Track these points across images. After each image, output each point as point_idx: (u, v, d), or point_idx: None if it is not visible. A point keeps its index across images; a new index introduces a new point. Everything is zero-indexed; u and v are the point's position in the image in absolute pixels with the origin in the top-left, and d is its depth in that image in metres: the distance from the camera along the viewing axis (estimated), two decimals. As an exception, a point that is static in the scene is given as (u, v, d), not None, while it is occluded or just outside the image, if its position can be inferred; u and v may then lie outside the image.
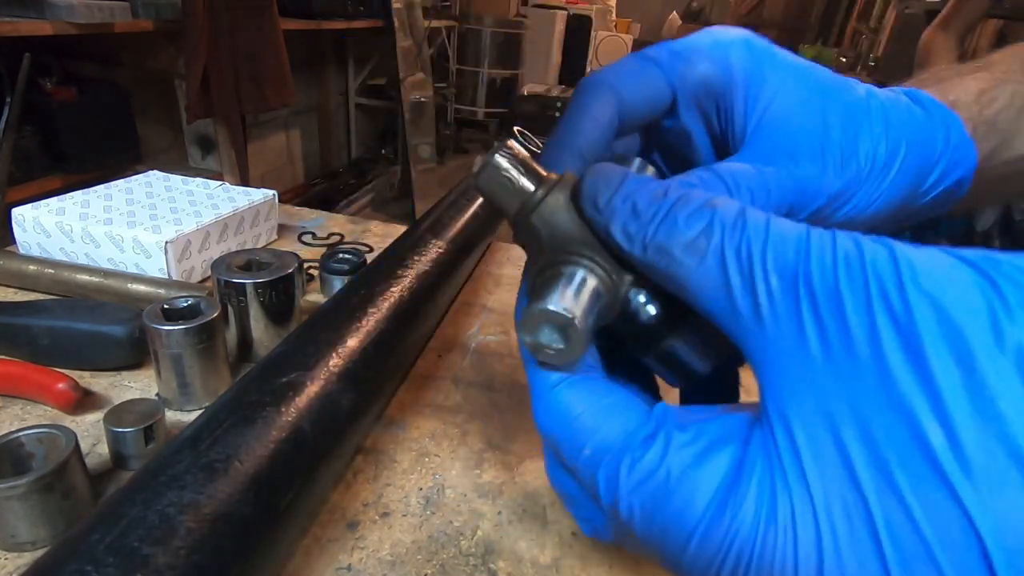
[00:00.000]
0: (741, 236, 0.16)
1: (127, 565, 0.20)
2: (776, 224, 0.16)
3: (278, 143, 2.94)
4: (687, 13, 6.56)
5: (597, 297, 0.18)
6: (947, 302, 0.13)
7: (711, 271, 0.16)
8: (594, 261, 0.19)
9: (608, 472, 0.17)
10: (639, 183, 0.18)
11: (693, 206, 0.17)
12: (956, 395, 0.12)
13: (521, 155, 0.20)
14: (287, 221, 0.74)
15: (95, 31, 1.47)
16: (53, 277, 0.51)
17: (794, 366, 0.15)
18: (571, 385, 0.19)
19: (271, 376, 0.31)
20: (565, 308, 0.17)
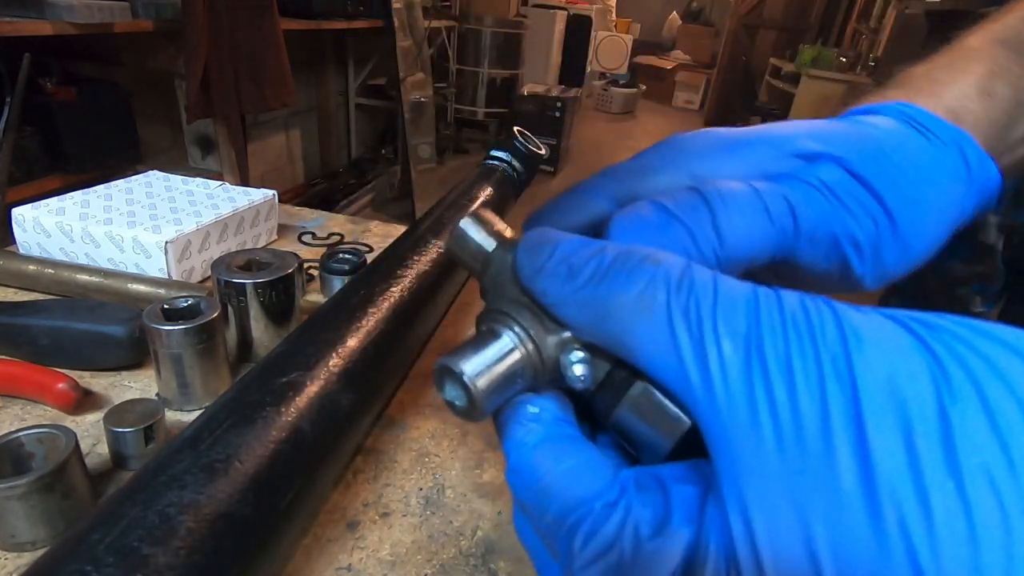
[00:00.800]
0: (689, 295, 0.15)
1: (127, 565, 0.20)
2: (723, 282, 0.15)
3: (278, 143, 2.94)
4: (687, 13, 6.56)
5: (510, 355, 0.18)
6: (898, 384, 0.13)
7: (657, 331, 0.15)
8: (519, 322, 0.18)
9: (565, 542, 0.16)
10: (574, 244, 0.17)
11: (634, 261, 0.16)
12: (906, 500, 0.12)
13: (487, 219, 0.21)
14: (287, 221, 0.74)
15: (95, 31, 1.47)
16: (53, 277, 0.51)
17: (746, 447, 0.13)
18: (539, 443, 0.18)
19: (271, 376, 0.31)
20: (464, 369, 0.17)
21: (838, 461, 0.12)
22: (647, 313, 0.15)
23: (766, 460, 0.13)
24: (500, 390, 0.18)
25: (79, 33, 1.42)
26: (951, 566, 0.11)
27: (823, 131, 0.22)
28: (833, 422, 0.13)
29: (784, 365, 0.13)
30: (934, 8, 2.52)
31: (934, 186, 0.22)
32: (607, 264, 0.16)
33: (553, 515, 0.17)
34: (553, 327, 0.18)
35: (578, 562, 0.16)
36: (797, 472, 0.13)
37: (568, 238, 0.17)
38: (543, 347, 0.18)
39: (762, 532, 0.13)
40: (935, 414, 0.12)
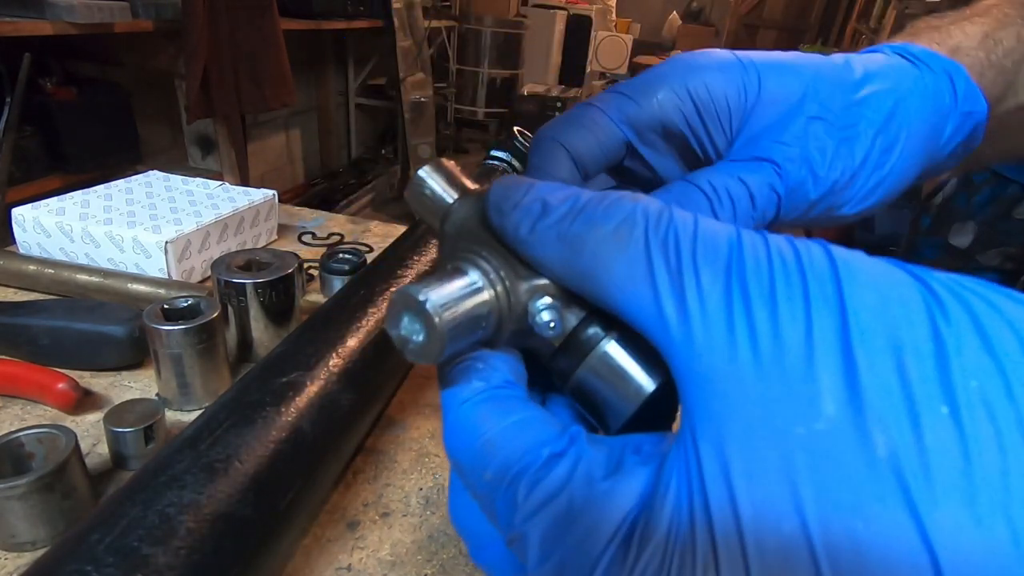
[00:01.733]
0: (668, 227, 0.14)
1: (127, 565, 0.20)
2: (704, 220, 0.14)
3: (278, 143, 2.94)
4: (687, 13, 6.56)
5: (477, 294, 0.16)
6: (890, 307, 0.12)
7: (633, 264, 0.14)
8: (489, 262, 0.17)
9: (506, 496, 0.15)
10: (552, 186, 0.16)
11: (612, 198, 0.15)
12: (895, 415, 0.11)
13: (447, 169, 0.20)
14: (287, 221, 0.74)
15: (95, 31, 1.47)
16: (53, 277, 0.51)
17: (722, 376, 0.13)
18: (483, 401, 0.16)
19: (271, 376, 0.31)
20: (429, 297, 0.15)
21: (822, 385, 0.12)
22: (623, 245, 0.14)
23: (745, 390, 0.12)
24: (463, 330, 0.16)
25: (79, 33, 1.42)
26: (944, 493, 0.11)
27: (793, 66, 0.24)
28: (817, 344, 0.12)
29: (767, 292, 0.13)
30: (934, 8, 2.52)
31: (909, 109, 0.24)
32: (583, 201, 0.15)
33: (494, 470, 0.15)
34: (524, 272, 0.17)
35: (520, 513, 0.14)
36: (778, 399, 0.12)
37: (544, 181, 0.17)
38: (512, 291, 0.17)
39: (738, 468, 0.12)
40: (928, 335, 0.12)
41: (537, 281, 0.17)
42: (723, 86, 0.23)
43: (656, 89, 0.24)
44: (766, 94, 0.23)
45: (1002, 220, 1.09)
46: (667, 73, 0.24)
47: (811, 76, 0.24)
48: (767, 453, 0.12)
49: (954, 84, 0.24)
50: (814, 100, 0.23)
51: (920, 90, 0.24)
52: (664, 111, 0.24)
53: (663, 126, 0.24)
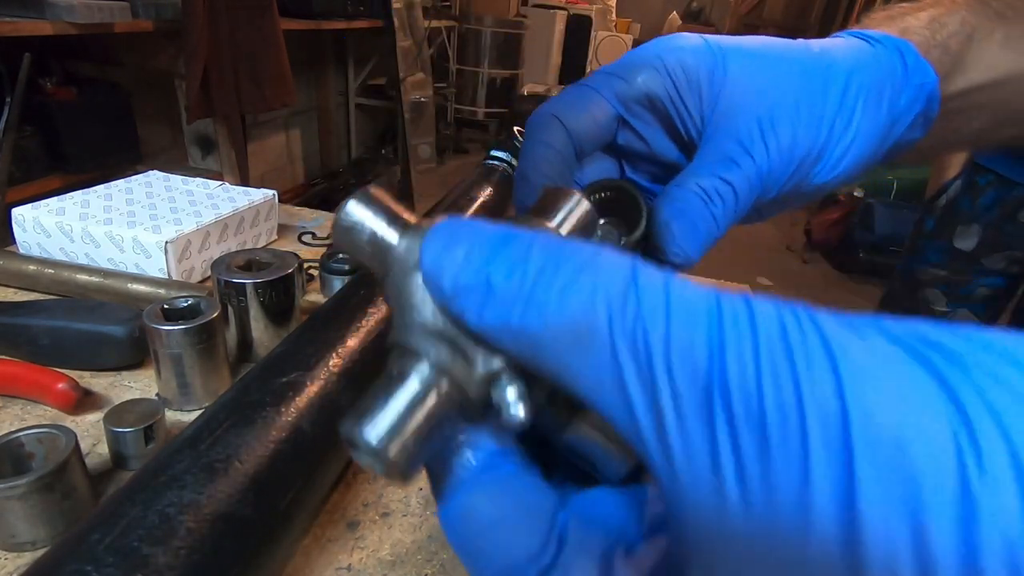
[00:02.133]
0: (635, 321, 0.12)
1: (127, 565, 0.20)
2: (677, 292, 0.12)
3: (278, 143, 2.94)
4: (687, 13, 6.56)
5: (430, 407, 0.14)
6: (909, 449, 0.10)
7: (600, 369, 0.12)
8: (433, 358, 0.15)
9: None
10: (494, 247, 0.14)
11: (565, 275, 0.13)
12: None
13: (381, 200, 0.16)
14: (287, 221, 0.74)
15: (95, 31, 1.47)
16: (53, 277, 0.51)
17: (707, 517, 0.11)
18: (470, 494, 0.15)
19: (271, 376, 0.31)
20: (377, 440, 0.14)
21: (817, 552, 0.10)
22: (586, 345, 0.12)
23: (731, 539, 0.11)
24: (421, 445, 0.14)
25: (79, 33, 1.42)
26: None
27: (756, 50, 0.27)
28: (815, 497, 0.10)
29: (756, 415, 0.11)
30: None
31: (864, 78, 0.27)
32: (532, 277, 0.13)
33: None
34: (478, 353, 0.15)
35: None
36: (767, 558, 0.11)
37: (483, 233, 0.14)
38: (466, 383, 0.15)
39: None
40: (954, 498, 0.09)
41: (494, 364, 0.15)
42: (695, 65, 0.26)
43: (640, 68, 0.27)
44: (732, 75, 0.26)
45: (1008, 223, 1.09)
46: (648, 54, 0.27)
47: (774, 58, 0.27)
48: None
49: (904, 58, 0.27)
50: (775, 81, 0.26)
51: (873, 62, 0.27)
52: (649, 86, 0.26)
53: (648, 99, 0.27)
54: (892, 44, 0.27)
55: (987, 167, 1.11)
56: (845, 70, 0.26)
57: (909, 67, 0.27)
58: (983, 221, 1.12)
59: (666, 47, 0.27)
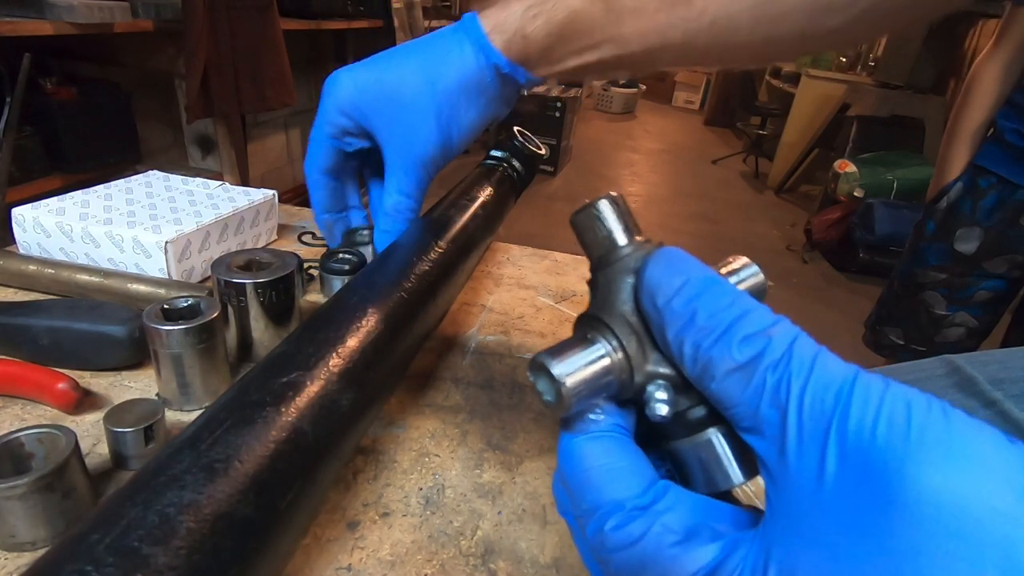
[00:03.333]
0: (784, 371, 0.16)
1: (127, 565, 0.20)
2: (822, 365, 0.16)
3: (278, 143, 2.94)
4: (687, 13, 6.54)
5: (605, 375, 0.19)
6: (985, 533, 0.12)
7: (749, 399, 0.16)
8: (621, 341, 0.19)
9: (594, 528, 0.18)
10: (705, 287, 0.18)
11: (751, 330, 0.17)
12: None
13: (625, 209, 0.21)
14: (287, 221, 0.74)
15: (95, 31, 1.47)
16: (53, 277, 0.51)
17: (802, 514, 0.15)
18: (592, 440, 0.20)
19: (271, 376, 0.31)
20: (560, 373, 0.18)
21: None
22: (746, 382, 0.16)
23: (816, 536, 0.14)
24: (586, 393, 0.19)
25: (79, 33, 1.42)
26: None
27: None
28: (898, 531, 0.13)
29: (864, 450, 0.14)
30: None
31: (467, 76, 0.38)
32: (728, 322, 0.17)
33: (588, 503, 0.19)
34: (652, 354, 0.19)
35: (604, 547, 0.18)
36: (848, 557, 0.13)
37: (700, 274, 0.18)
38: (636, 368, 0.19)
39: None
40: None
41: (661, 369, 0.19)
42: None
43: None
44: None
45: (1010, 227, 1.09)
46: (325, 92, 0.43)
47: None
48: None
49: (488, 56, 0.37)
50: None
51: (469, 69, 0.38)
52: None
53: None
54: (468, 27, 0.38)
55: (989, 169, 1.10)
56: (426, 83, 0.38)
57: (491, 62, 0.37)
58: (985, 224, 1.12)
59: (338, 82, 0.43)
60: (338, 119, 0.42)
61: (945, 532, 0.12)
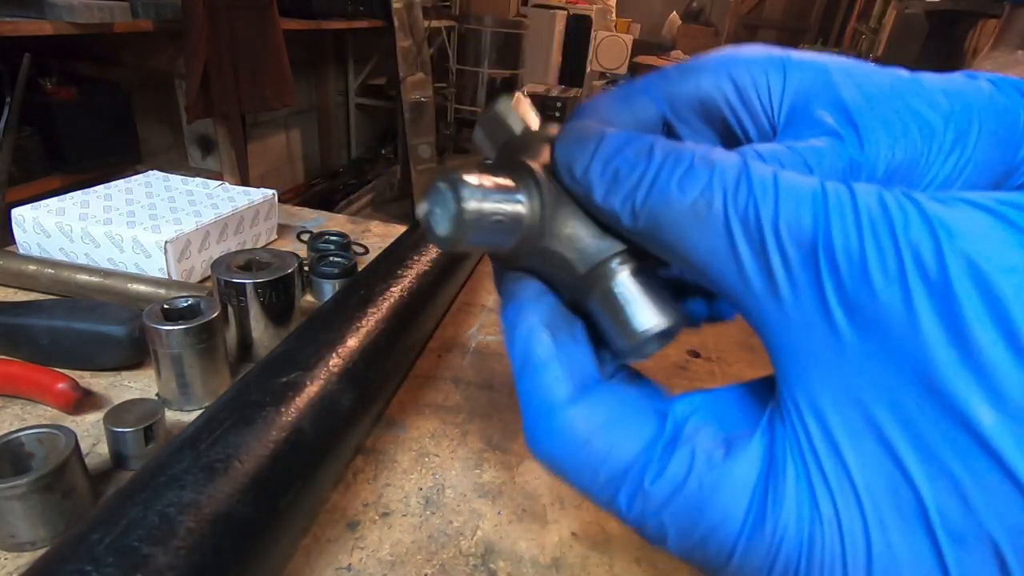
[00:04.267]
0: (748, 197, 0.14)
1: (127, 565, 0.20)
2: (786, 180, 0.14)
3: (278, 143, 2.94)
4: (687, 13, 6.56)
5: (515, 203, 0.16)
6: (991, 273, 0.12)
7: (715, 242, 0.14)
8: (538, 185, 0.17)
9: (630, 491, 0.15)
10: (619, 141, 0.16)
11: (685, 164, 0.15)
12: (1005, 372, 0.11)
13: (527, 103, 0.20)
14: (287, 221, 0.74)
15: (95, 31, 1.47)
16: (53, 277, 0.51)
17: (820, 349, 0.13)
18: (573, 403, 0.16)
19: (271, 376, 0.31)
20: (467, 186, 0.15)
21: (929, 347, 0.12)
22: (703, 222, 0.14)
23: (842, 354, 0.13)
24: (488, 225, 0.16)
25: (79, 33, 1.42)
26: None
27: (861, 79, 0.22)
28: (922, 321, 0.12)
29: (858, 261, 0.12)
30: (934, 8, 2.51)
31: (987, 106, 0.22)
32: (656, 167, 0.15)
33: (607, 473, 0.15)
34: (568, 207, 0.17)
35: (651, 505, 0.15)
36: (879, 360, 0.12)
37: (611, 133, 0.16)
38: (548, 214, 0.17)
39: (845, 440, 0.13)
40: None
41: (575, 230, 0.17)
42: (765, 71, 0.22)
43: (698, 73, 0.23)
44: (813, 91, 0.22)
45: None
46: (708, 60, 0.24)
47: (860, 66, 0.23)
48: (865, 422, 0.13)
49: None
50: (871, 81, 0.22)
51: (986, 98, 0.22)
52: (701, 89, 0.23)
53: (701, 104, 0.23)
54: (1011, 86, 0.23)
55: None
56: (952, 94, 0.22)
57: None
58: None
59: (734, 56, 0.24)
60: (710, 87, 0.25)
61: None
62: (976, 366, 0.11)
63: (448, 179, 0.15)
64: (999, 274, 0.12)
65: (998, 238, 0.12)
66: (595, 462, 0.16)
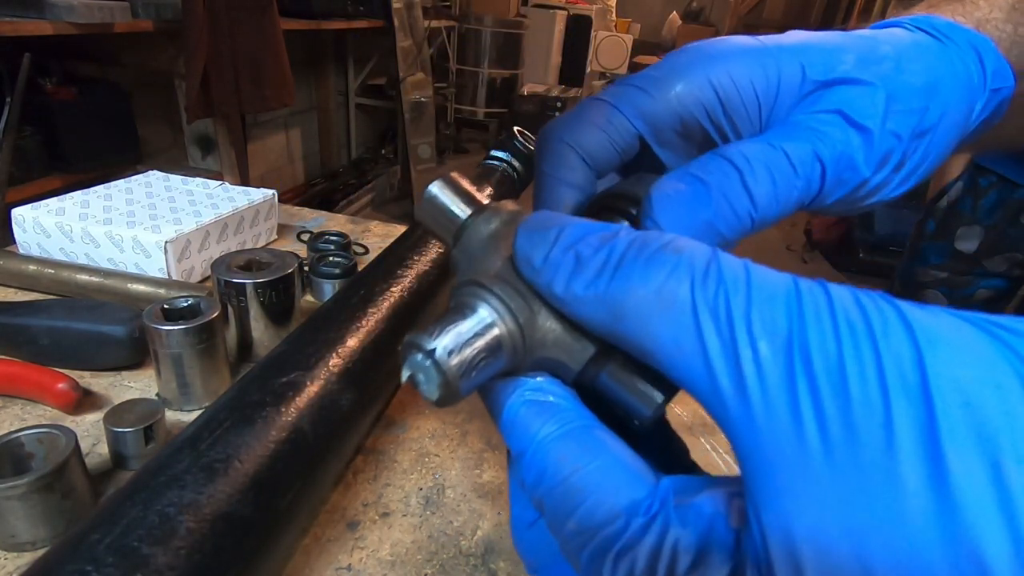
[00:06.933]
0: (717, 287, 0.13)
1: (127, 565, 0.20)
2: (758, 273, 0.13)
3: (278, 143, 2.94)
4: (687, 13, 6.56)
5: (493, 337, 0.16)
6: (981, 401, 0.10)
7: (681, 332, 0.13)
8: (506, 302, 0.16)
9: (593, 554, 0.14)
10: (581, 229, 0.15)
11: (651, 248, 0.14)
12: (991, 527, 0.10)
13: (458, 183, 0.19)
14: (287, 221, 0.74)
15: (95, 31, 1.46)
16: (53, 277, 0.51)
17: (789, 464, 0.11)
18: (564, 436, 0.16)
19: (271, 376, 0.31)
20: (433, 345, 0.15)
21: (906, 486, 0.10)
22: (668, 310, 0.13)
23: (813, 482, 0.11)
24: (476, 371, 0.15)
25: (79, 33, 1.42)
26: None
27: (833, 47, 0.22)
28: (900, 441, 0.10)
29: (836, 371, 0.11)
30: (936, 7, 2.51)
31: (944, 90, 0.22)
32: (620, 252, 0.14)
33: (578, 521, 0.15)
34: (539, 311, 0.16)
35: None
36: (852, 498, 0.11)
37: (574, 222, 0.16)
38: (527, 329, 0.16)
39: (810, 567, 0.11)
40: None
41: (553, 325, 0.16)
42: (748, 74, 0.21)
43: (673, 81, 0.22)
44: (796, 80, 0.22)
45: (1010, 225, 1.09)
46: (685, 63, 0.22)
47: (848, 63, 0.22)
48: (836, 553, 0.11)
49: (982, 60, 0.23)
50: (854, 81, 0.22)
51: (952, 72, 0.22)
52: (683, 105, 0.22)
53: (682, 122, 0.22)
54: (967, 41, 0.23)
55: (989, 168, 1.11)
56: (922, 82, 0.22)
57: (988, 71, 0.23)
58: (985, 223, 1.12)
59: (710, 55, 0.22)
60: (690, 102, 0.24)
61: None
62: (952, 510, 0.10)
63: (418, 344, 0.15)
64: (988, 398, 0.10)
65: (985, 354, 0.11)
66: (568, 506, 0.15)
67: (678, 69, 0.22)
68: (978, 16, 0.24)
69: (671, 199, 0.19)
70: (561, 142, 0.22)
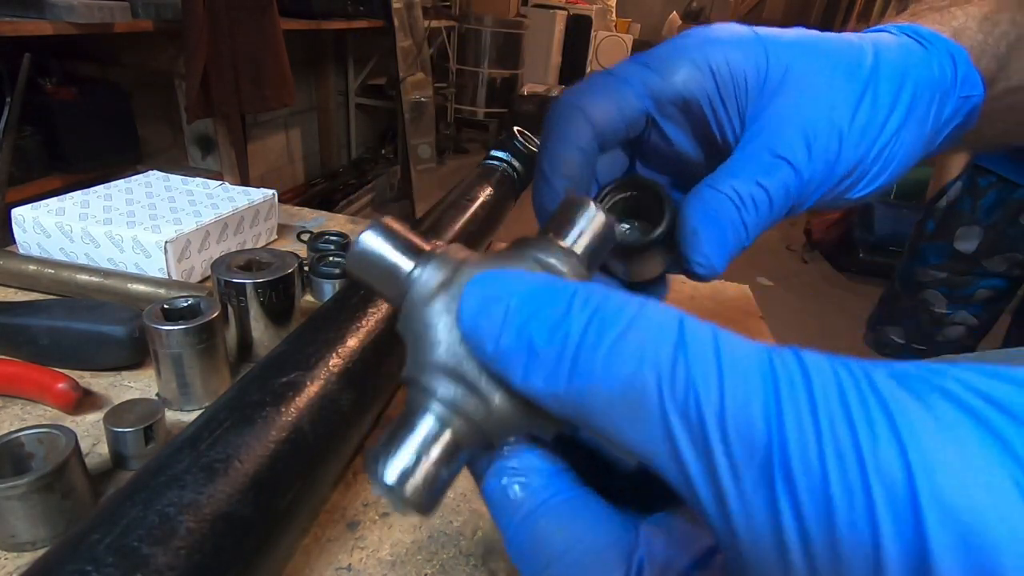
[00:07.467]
0: (687, 388, 0.12)
1: (127, 565, 0.20)
2: (728, 354, 0.12)
3: (278, 143, 2.94)
4: (687, 13, 6.56)
5: (446, 442, 0.15)
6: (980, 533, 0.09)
7: (652, 437, 0.12)
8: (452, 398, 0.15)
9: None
10: (530, 300, 0.14)
11: (612, 333, 0.12)
12: None
13: (396, 231, 0.16)
14: (287, 221, 0.74)
15: (95, 31, 1.47)
16: (53, 277, 0.51)
17: (766, 565, 0.11)
18: (545, 514, 0.15)
19: (271, 376, 0.31)
20: (385, 478, 0.14)
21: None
22: (636, 414, 0.12)
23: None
24: (435, 483, 0.15)
25: (79, 33, 1.42)
26: None
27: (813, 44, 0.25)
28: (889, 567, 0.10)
29: (819, 485, 0.10)
30: (934, 8, 2.51)
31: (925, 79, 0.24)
32: (576, 340, 0.13)
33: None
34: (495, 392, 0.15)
35: None
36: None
37: (520, 289, 0.14)
38: (483, 422, 0.15)
39: None
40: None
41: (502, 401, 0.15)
42: (742, 63, 0.24)
43: (679, 63, 0.24)
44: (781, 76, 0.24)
45: (1010, 225, 1.09)
46: (688, 46, 0.24)
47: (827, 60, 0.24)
48: None
49: (956, 66, 0.25)
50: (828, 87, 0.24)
51: (927, 73, 0.24)
52: (687, 87, 0.24)
53: (684, 101, 0.24)
54: (945, 48, 0.25)
55: (989, 169, 1.11)
56: (898, 80, 0.24)
57: (959, 78, 0.25)
58: (984, 223, 1.12)
59: (710, 40, 0.24)
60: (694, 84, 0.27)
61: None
62: None
63: (373, 470, 0.14)
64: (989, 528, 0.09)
65: (985, 471, 0.10)
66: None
67: (682, 50, 0.24)
68: (955, 26, 0.26)
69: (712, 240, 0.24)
70: (573, 107, 0.24)
